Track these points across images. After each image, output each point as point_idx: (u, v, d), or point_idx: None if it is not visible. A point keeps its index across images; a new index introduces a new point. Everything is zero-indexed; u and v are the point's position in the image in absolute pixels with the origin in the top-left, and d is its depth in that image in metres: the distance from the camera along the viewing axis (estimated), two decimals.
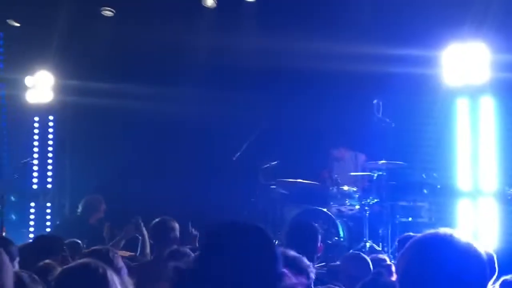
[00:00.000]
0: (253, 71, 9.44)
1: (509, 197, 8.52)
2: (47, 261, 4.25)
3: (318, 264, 5.23)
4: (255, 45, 9.31)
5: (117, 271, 2.96)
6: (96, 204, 8.26)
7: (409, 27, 8.78)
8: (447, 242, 1.87)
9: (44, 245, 5.08)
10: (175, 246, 4.96)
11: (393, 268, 4.79)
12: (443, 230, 1.91)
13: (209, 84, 9.68)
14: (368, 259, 5.15)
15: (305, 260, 3.20)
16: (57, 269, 3.72)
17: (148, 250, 6.08)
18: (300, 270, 3.02)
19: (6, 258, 2.00)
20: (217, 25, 9.72)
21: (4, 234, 8.25)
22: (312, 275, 3.16)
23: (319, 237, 4.94)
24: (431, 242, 1.91)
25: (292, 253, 3.17)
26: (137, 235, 6.25)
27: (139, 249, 6.20)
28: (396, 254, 6.50)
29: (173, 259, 4.25)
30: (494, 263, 3.66)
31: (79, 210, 8.41)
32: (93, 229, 7.86)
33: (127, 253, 6.12)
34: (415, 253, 1.90)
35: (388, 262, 5.36)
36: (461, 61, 8.91)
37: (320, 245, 5.02)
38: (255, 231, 1.93)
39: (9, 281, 1.97)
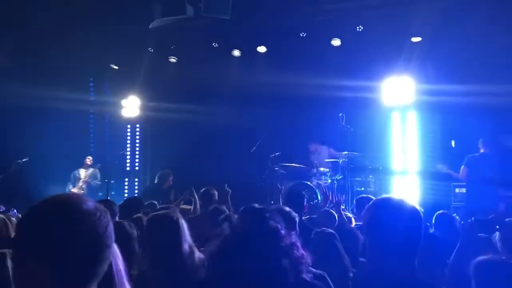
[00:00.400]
0: (262, 96, 9.48)
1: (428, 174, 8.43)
2: (138, 214, 4.30)
3: (304, 217, 4.89)
4: (265, 79, 9.23)
5: None
6: (166, 176, 8.31)
7: (362, 67, 8.72)
8: (396, 202, 1.81)
9: (131, 204, 5.17)
10: (215, 205, 4.91)
11: (352, 220, 5.11)
12: (392, 195, 1.88)
13: (234, 104, 9.60)
14: (335, 213, 5.01)
15: (293, 213, 3.07)
16: (144, 219, 3.64)
17: (198, 207, 5.86)
18: (290, 219, 2.86)
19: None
20: (240, 66, 9.71)
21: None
22: (297, 219, 3.01)
23: (305, 200, 4.81)
24: (386, 202, 1.86)
25: (287, 209, 3.09)
26: (191, 198, 6.09)
27: (192, 207, 6.04)
28: (355, 210, 6.54)
29: (214, 215, 4.35)
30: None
31: (156, 181, 8.47)
32: (164, 193, 7.87)
33: (187, 207, 6.21)
34: (376, 208, 1.84)
35: (349, 215, 5.40)
36: (395, 88, 8.81)
37: (306, 205, 4.95)
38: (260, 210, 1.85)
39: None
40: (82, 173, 9.47)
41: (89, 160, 9.58)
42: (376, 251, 1.75)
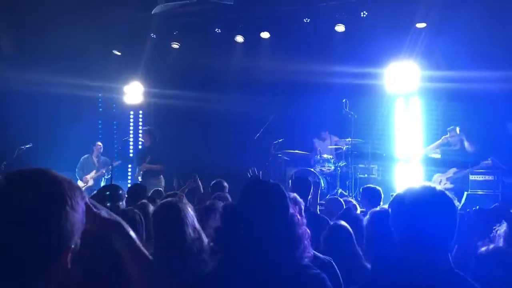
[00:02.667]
0: (266, 82, 9.37)
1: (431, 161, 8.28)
2: (143, 200, 4.21)
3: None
4: (268, 66, 9.20)
5: None
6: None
7: (366, 53, 8.58)
8: (430, 194, 1.66)
9: (135, 190, 5.05)
10: (218, 192, 4.84)
11: (357, 206, 5.01)
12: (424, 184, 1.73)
13: (238, 90, 9.56)
14: (342, 200, 5.12)
15: (298, 198, 3.10)
16: (150, 205, 3.74)
17: (202, 194, 5.66)
18: (296, 203, 2.85)
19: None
20: (243, 52, 9.67)
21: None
22: (302, 206, 3.00)
23: (312, 186, 4.74)
24: (419, 195, 1.68)
25: (293, 194, 3.09)
26: (195, 186, 5.90)
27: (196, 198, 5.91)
28: (359, 198, 6.59)
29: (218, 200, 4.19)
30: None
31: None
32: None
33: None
34: (408, 203, 1.67)
35: (354, 202, 5.24)
36: (399, 74, 8.69)
37: (311, 192, 4.84)
38: (275, 185, 1.83)
39: None
40: (94, 160, 9.35)
41: (99, 146, 9.41)
42: (407, 246, 1.64)
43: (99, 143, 9.45)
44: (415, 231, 1.62)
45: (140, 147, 10.29)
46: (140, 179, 7.91)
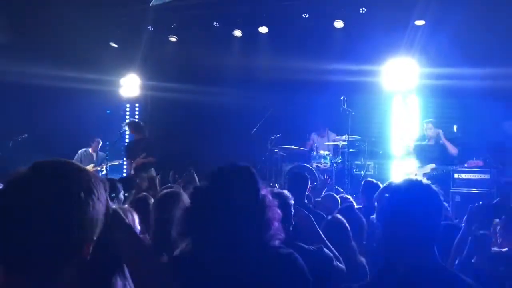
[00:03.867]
0: (263, 77, 9.30)
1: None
2: (144, 193, 4.10)
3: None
4: (266, 61, 9.17)
5: None
6: None
7: (364, 49, 8.47)
8: (413, 185, 1.68)
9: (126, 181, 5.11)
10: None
11: (354, 203, 4.95)
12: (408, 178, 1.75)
13: (236, 84, 9.46)
14: (338, 197, 5.16)
15: (286, 193, 2.83)
16: (151, 198, 3.61)
17: None
18: (283, 199, 2.62)
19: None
20: (241, 47, 9.63)
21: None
22: (291, 202, 2.83)
23: (309, 183, 4.71)
24: (402, 186, 1.70)
25: (276, 190, 2.96)
26: (191, 180, 5.74)
27: None
28: (354, 195, 6.75)
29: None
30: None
31: None
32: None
33: None
34: (391, 193, 1.69)
35: (350, 199, 5.31)
36: (397, 71, 8.61)
37: (308, 188, 4.80)
38: (245, 167, 1.80)
39: None
40: (92, 155, 9.32)
41: (98, 142, 9.40)
42: (391, 239, 1.65)
43: (99, 140, 9.43)
44: (398, 225, 1.61)
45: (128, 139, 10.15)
46: (132, 172, 7.84)
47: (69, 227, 1.04)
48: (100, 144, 9.44)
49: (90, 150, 9.35)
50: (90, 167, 8.96)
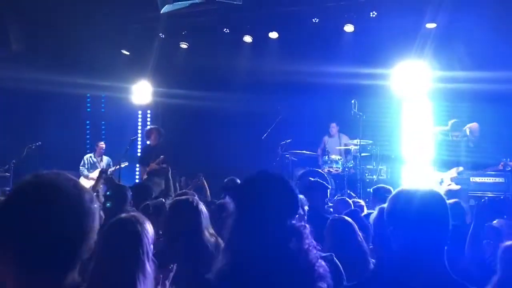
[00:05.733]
0: (274, 82, 9.35)
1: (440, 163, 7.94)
2: (161, 199, 4.30)
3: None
4: (276, 66, 9.15)
5: None
6: None
7: (375, 53, 8.51)
8: (422, 193, 1.68)
9: (139, 190, 5.19)
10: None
11: (365, 207, 5.12)
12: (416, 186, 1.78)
13: (246, 90, 9.52)
14: (350, 201, 5.22)
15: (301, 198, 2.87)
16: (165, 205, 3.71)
17: (208, 195, 5.80)
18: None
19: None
20: (252, 52, 9.64)
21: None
22: (305, 208, 2.89)
23: (328, 190, 4.83)
24: (411, 194, 1.70)
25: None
26: (201, 185, 5.93)
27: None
28: (367, 199, 6.64)
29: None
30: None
31: None
32: None
33: None
34: (400, 201, 1.70)
35: (362, 203, 5.37)
36: (408, 75, 8.54)
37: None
38: (279, 176, 1.76)
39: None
40: (97, 159, 9.35)
41: (102, 145, 9.42)
42: (401, 245, 1.65)
43: (102, 143, 9.45)
44: (409, 236, 1.62)
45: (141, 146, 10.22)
46: (145, 177, 7.88)
47: (70, 231, 1.11)
48: (103, 147, 9.45)
49: (94, 155, 9.41)
50: (96, 173, 9.02)
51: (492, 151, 7.39)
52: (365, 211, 4.94)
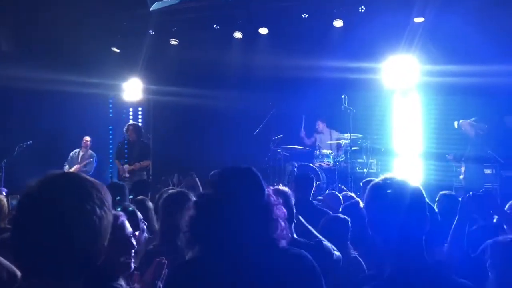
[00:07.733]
0: (264, 78, 9.34)
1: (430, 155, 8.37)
2: (142, 197, 4.21)
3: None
4: (267, 61, 9.15)
5: None
6: None
7: (364, 48, 8.51)
8: (397, 182, 1.64)
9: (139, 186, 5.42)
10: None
11: (360, 202, 4.93)
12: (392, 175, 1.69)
13: (237, 86, 9.55)
14: (340, 195, 5.16)
15: (287, 190, 2.93)
16: (148, 201, 3.81)
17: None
18: (284, 197, 2.56)
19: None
20: (242, 48, 9.59)
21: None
22: (293, 199, 2.86)
23: (314, 181, 4.91)
24: (386, 183, 1.65)
25: (277, 188, 2.95)
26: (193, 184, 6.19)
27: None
28: (358, 193, 6.41)
29: None
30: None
31: None
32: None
33: None
34: (376, 189, 1.69)
35: (354, 197, 5.29)
36: (397, 69, 8.59)
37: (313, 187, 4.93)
38: (247, 168, 1.76)
39: None
40: (80, 155, 9.25)
41: (87, 140, 9.26)
42: (377, 234, 1.65)
43: (87, 138, 9.28)
44: (387, 225, 1.61)
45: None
46: (127, 175, 7.84)
47: (81, 237, 1.10)
48: (89, 142, 9.28)
49: (80, 150, 9.26)
50: (73, 168, 8.88)
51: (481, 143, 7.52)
52: (361, 204, 5.02)
